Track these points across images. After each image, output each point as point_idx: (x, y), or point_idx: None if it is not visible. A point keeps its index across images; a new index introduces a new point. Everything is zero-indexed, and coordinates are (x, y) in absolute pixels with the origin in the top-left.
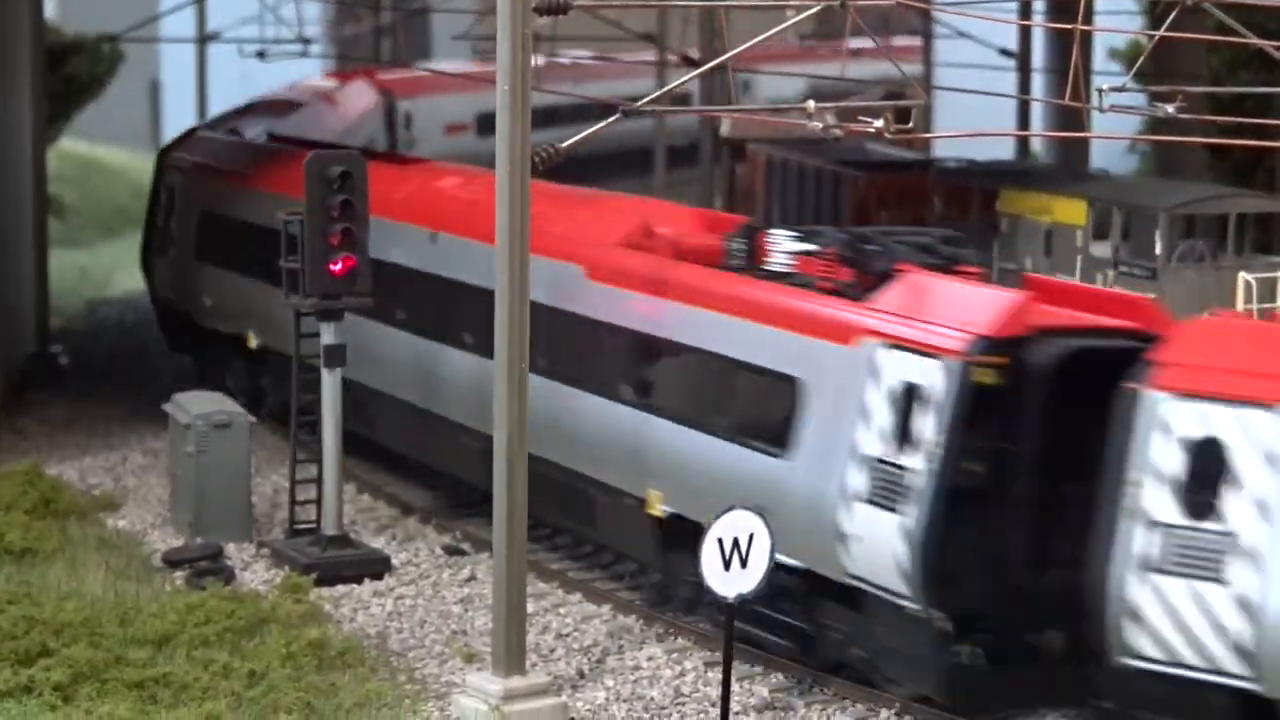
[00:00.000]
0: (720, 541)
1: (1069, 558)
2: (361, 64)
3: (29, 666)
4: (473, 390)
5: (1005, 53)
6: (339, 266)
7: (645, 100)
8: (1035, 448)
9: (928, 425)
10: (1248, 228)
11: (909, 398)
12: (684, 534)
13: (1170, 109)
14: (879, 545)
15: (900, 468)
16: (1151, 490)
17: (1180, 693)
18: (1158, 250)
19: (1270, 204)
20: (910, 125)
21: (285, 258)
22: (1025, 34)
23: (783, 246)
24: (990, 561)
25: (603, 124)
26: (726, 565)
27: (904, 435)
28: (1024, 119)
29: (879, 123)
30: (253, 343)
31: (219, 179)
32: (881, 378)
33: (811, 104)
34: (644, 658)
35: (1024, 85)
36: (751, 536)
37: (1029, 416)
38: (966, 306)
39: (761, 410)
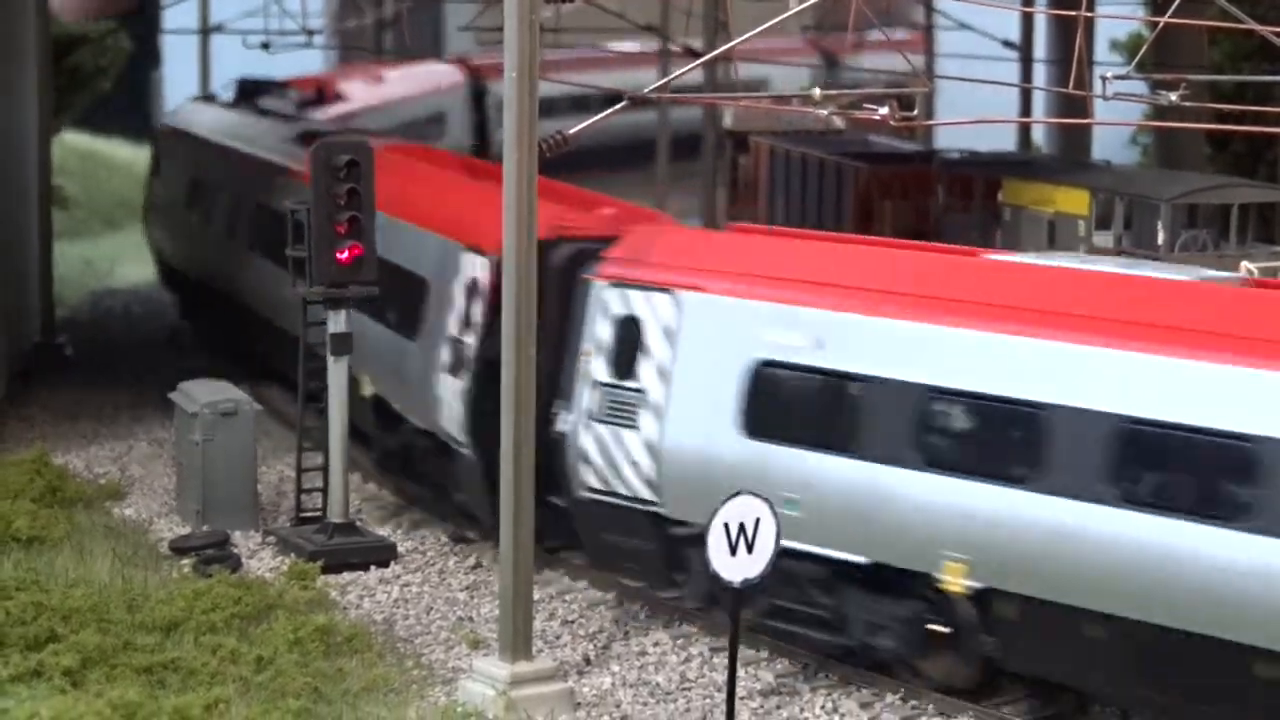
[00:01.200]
0: (726, 527)
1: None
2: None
3: (38, 651)
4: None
5: (1008, 44)
6: (345, 255)
7: (650, 88)
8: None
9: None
10: (1250, 218)
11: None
12: None
13: (1174, 97)
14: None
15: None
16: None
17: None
18: (1160, 240)
19: (1272, 194)
20: (915, 113)
21: (292, 246)
22: (1027, 25)
23: None
24: None
25: (608, 112)
26: (733, 551)
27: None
28: (1026, 110)
29: (884, 110)
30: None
31: None
32: None
33: (817, 91)
34: (650, 643)
35: (1026, 76)
36: (758, 522)
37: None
38: None
39: None
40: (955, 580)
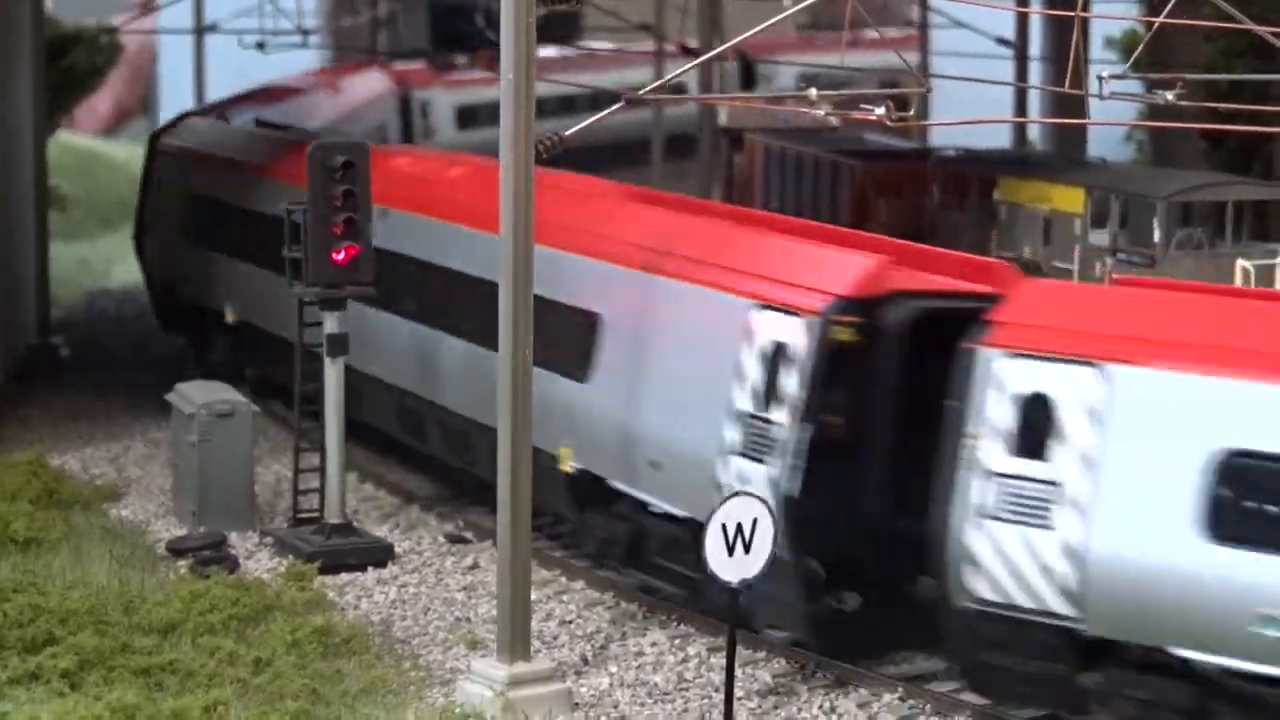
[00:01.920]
0: (724, 527)
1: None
2: (363, 55)
3: (36, 654)
4: None
5: (1002, 41)
6: (342, 255)
7: (647, 89)
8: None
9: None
10: (1245, 215)
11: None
12: None
13: (1170, 96)
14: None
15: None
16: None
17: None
18: (1156, 238)
19: (1267, 192)
20: (911, 112)
21: (289, 247)
22: (1022, 22)
23: None
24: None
25: (605, 112)
26: (730, 551)
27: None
28: (1022, 108)
29: (880, 110)
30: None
31: None
32: None
33: (813, 92)
34: (647, 644)
35: (1021, 74)
36: (755, 522)
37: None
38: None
39: None
40: (230, 316)
